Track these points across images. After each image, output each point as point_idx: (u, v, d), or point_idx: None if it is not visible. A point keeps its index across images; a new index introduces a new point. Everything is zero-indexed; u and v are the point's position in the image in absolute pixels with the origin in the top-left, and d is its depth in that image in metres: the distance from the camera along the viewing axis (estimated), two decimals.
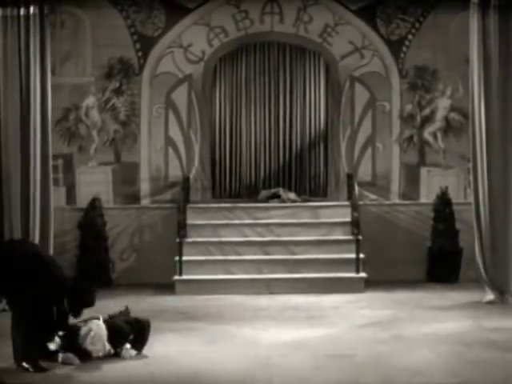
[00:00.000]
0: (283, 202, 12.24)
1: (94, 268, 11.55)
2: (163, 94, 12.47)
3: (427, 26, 12.37)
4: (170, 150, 12.52)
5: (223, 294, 10.82)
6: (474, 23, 10.36)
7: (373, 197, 12.52)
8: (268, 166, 12.78)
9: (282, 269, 11.32)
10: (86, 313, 7.57)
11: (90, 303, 7.51)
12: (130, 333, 7.74)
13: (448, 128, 12.49)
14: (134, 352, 7.61)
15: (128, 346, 7.66)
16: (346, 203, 12.13)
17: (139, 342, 7.74)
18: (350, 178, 12.28)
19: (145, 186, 12.45)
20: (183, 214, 11.68)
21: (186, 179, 12.38)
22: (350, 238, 11.52)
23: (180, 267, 11.25)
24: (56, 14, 12.04)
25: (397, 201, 12.54)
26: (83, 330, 7.59)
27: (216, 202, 12.36)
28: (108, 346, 7.63)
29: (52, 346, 7.46)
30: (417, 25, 12.41)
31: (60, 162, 12.25)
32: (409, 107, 12.51)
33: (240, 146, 12.76)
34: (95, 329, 7.62)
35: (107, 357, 7.57)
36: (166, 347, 7.95)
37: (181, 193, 12.08)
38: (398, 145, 12.54)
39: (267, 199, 12.34)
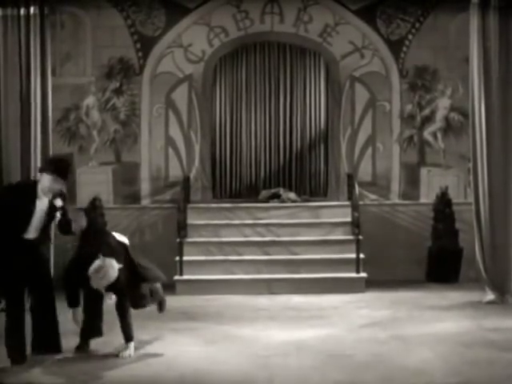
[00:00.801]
0: (283, 202, 12.25)
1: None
2: (163, 93, 12.49)
3: (427, 26, 12.39)
4: (171, 150, 12.54)
5: (223, 294, 10.83)
6: (474, 23, 10.35)
7: (373, 197, 12.53)
8: (268, 165, 12.80)
9: (282, 269, 11.32)
10: None
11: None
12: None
13: (448, 128, 12.50)
14: (132, 351, 7.61)
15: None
16: (347, 203, 12.13)
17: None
18: (351, 177, 12.29)
19: (145, 186, 12.47)
20: (183, 214, 11.68)
21: (187, 179, 12.39)
22: (351, 237, 11.52)
23: (180, 267, 11.25)
24: (56, 15, 12.07)
25: (397, 201, 12.55)
26: (96, 264, 7.33)
27: (216, 202, 12.37)
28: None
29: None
30: (417, 25, 12.42)
31: None
32: (409, 107, 12.53)
33: (240, 145, 12.78)
34: (110, 271, 7.35)
35: (106, 356, 7.58)
36: (167, 347, 7.95)
37: (181, 193, 12.08)
38: (398, 145, 12.55)
39: (267, 199, 12.35)
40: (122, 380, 6.92)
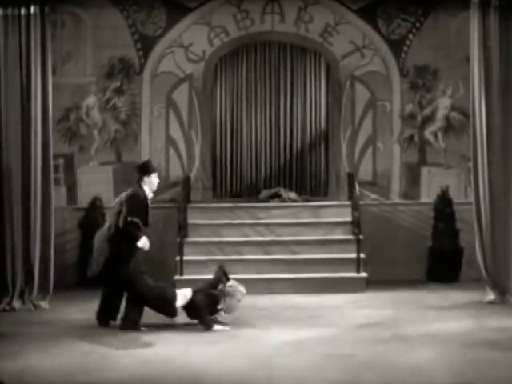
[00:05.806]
0: (284, 201, 12.24)
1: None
2: (164, 93, 12.49)
3: (428, 25, 12.39)
4: (171, 150, 12.54)
5: None
6: (475, 23, 10.36)
7: (373, 196, 12.53)
8: (269, 165, 12.79)
9: (282, 269, 11.31)
10: None
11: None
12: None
13: (448, 127, 12.50)
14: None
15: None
16: (347, 203, 12.13)
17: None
18: (351, 177, 12.28)
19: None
20: (184, 214, 11.68)
21: (187, 179, 12.38)
22: (351, 237, 11.52)
23: (181, 267, 11.25)
24: (57, 14, 12.08)
25: (397, 200, 12.54)
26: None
27: (217, 202, 12.37)
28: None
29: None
30: (417, 24, 12.42)
31: (61, 161, 12.26)
32: (409, 107, 12.52)
33: (241, 145, 12.77)
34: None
35: (107, 356, 7.58)
36: (167, 347, 7.95)
37: (181, 192, 12.07)
38: (398, 144, 12.55)
39: (268, 199, 12.35)
40: (121, 380, 6.92)
